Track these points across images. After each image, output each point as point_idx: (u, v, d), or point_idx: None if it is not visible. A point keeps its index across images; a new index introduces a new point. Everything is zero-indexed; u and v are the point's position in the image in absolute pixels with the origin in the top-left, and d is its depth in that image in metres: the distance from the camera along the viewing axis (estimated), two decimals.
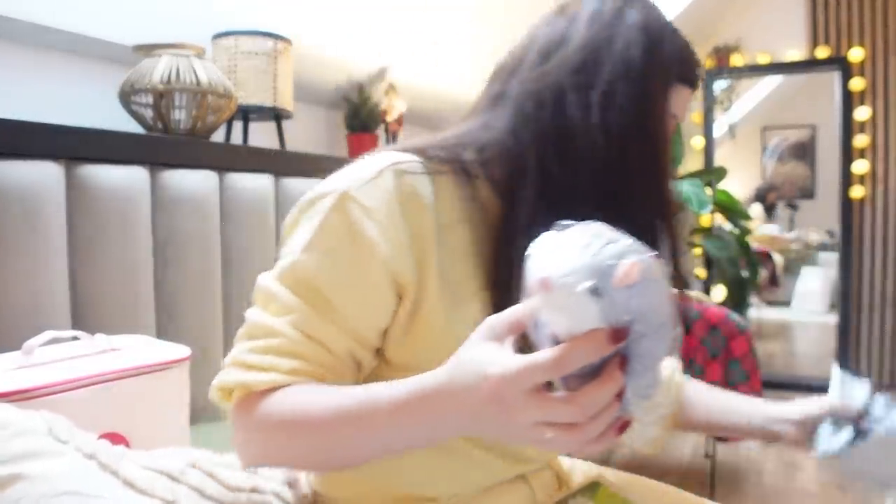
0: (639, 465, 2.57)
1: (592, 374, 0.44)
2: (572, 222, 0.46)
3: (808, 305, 4.37)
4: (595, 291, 0.42)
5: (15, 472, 0.57)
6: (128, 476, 0.62)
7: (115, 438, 0.85)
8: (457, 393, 0.48)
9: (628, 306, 0.42)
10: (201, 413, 1.36)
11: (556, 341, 0.44)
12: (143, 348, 0.99)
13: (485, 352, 0.47)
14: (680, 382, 0.86)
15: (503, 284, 0.62)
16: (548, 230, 0.47)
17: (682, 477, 2.46)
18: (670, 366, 0.87)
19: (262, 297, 0.64)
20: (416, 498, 0.69)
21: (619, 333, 0.42)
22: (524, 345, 0.47)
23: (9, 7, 1.25)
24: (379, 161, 0.65)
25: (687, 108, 0.71)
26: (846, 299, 3.59)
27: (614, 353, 0.43)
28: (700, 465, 2.54)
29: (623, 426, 0.46)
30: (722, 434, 0.88)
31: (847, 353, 3.59)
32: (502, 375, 0.44)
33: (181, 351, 1.00)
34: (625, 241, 0.44)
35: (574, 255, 0.43)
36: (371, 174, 0.63)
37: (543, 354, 0.43)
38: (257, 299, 0.65)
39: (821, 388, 0.91)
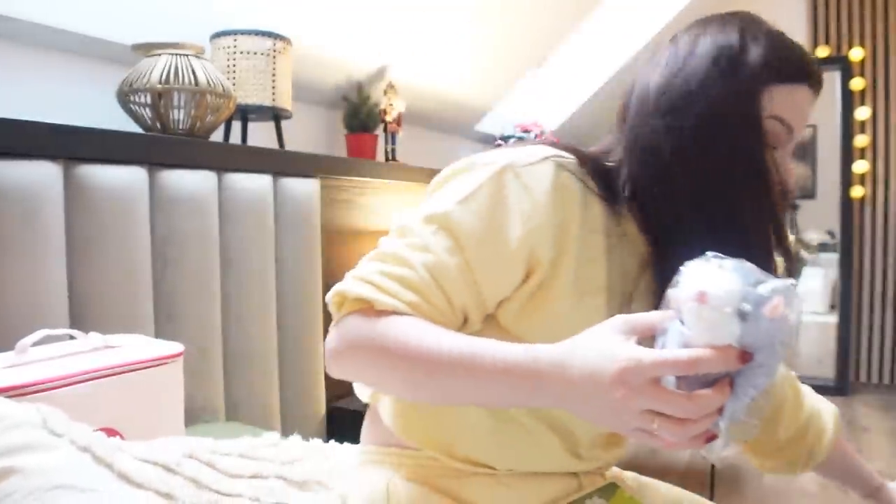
0: (639, 464, 2.56)
1: (703, 384, 0.49)
2: (721, 255, 0.52)
3: (808, 305, 4.36)
4: (744, 315, 0.47)
5: (8, 465, 0.57)
6: (122, 469, 0.62)
7: (110, 434, 0.85)
8: (573, 369, 0.52)
9: (763, 337, 0.48)
10: (200, 413, 1.35)
11: (686, 347, 0.49)
12: (137, 346, 0.99)
13: (615, 341, 0.52)
14: (837, 433, 0.90)
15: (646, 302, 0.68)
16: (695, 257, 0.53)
17: (681, 477, 2.45)
18: (832, 411, 0.91)
19: (402, 232, 0.67)
20: (476, 462, 0.71)
21: (746, 356, 0.48)
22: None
23: (7, 6, 1.25)
24: (543, 150, 0.69)
25: (803, 106, 0.68)
26: (846, 299, 3.58)
27: (727, 373, 0.49)
28: (700, 465, 2.54)
29: (709, 438, 0.51)
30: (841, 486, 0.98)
31: (847, 353, 3.59)
32: (636, 361, 0.49)
33: (174, 347, 1.00)
34: (777, 279, 0.49)
35: (734, 279, 0.49)
36: (535, 158, 0.67)
37: (679, 352, 0.49)
38: (396, 233, 0.67)
39: (821, 387, 0.93)
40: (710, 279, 0.49)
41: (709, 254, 0.52)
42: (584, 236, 0.67)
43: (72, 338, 0.97)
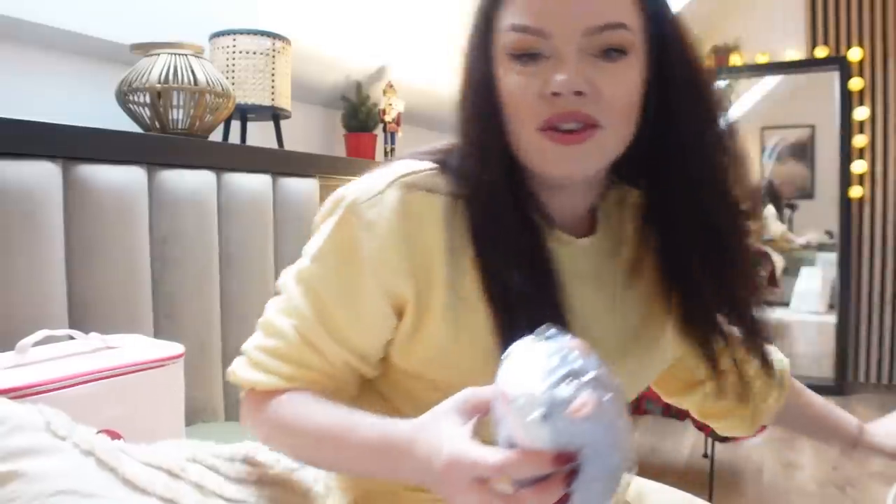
0: (638, 464, 2.56)
1: (539, 480, 0.46)
2: (554, 330, 0.49)
3: (806, 305, 4.36)
4: (547, 418, 0.45)
5: (11, 469, 0.56)
6: (126, 473, 0.62)
7: (110, 436, 0.85)
8: (416, 455, 0.52)
9: (578, 436, 0.45)
10: (200, 413, 1.35)
11: (510, 443, 0.47)
12: (137, 346, 0.99)
13: (449, 426, 0.50)
14: (786, 388, 0.86)
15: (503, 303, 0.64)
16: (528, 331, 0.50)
17: (680, 477, 2.46)
18: (781, 367, 0.85)
19: (282, 290, 0.68)
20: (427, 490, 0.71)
21: (565, 457, 0.45)
22: (484, 435, 0.50)
23: (7, 6, 1.25)
24: (391, 172, 0.65)
25: (537, 3, 0.60)
26: (845, 299, 3.59)
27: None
28: (699, 465, 2.54)
29: None
30: (813, 439, 0.92)
31: (846, 354, 3.59)
32: (455, 459, 0.48)
33: (175, 348, 1.00)
34: (591, 370, 0.47)
35: (537, 378, 0.46)
36: (379, 187, 0.64)
37: (492, 457, 0.46)
38: (279, 289, 0.68)
39: (819, 387, 0.92)
40: (515, 375, 0.47)
41: (541, 329, 0.50)
42: (453, 254, 0.63)
43: (71, 338, 0.97)
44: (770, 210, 4.66)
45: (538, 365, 0.47)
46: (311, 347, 0.64)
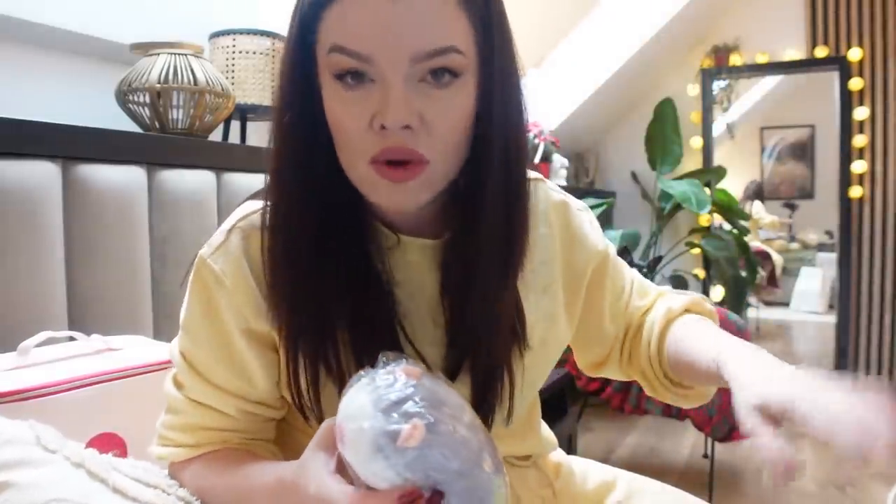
0: (638, 464, 2.57)
1: None
2: (393, 358, 0.50)
3: (806, 305, 4.37)
4: (378, 452, 0.45)
5: (3, 479, 0.57)
6: (116, 483, 0.62)
7: (112, 439, 0.85)
8: (305, 493, 0.52)
9: (415, 463, 0.45)
10: None
11: (357, 480, 0.47)
12: (139, 348, 0.98)
13: (316, 464, 0.51)
14: (651, 335, 0.75)
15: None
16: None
17: (680, 477, 2.46)
18: (663, 315, 0.75)
19: (172, 360, 0.69)
20: None
21: (411, 492, 0.45)
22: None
23: (7, 6, 1.25)
24: (231, 219, 0.67)
25: (358, 22, 0.53)
26: (845, 299, 3.59)
27: (433, 494, 0.46)
28: (699, 465, 2.54)
29: None
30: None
31: (846, 353, 3.60)
32: (316, 498, 0.50)
33: None
34: (417, 395, 0.46)
35: (364, 413, 0.46)
36: (221, 237, 0.65)
37: (342, 498, 0.47)
38: (171, 360, 0.70)
39: None
40: (347, 411, 0.47)
41: (380, 356, 0.50)
42: None
43: (72, 339, 0.97)
44: (758, 205, 4.68)
45: (367, 398, 0.47)
46: (206, 408, 0.66)
